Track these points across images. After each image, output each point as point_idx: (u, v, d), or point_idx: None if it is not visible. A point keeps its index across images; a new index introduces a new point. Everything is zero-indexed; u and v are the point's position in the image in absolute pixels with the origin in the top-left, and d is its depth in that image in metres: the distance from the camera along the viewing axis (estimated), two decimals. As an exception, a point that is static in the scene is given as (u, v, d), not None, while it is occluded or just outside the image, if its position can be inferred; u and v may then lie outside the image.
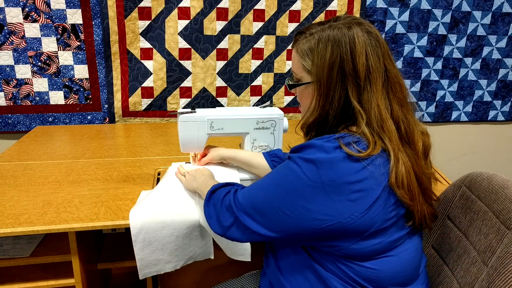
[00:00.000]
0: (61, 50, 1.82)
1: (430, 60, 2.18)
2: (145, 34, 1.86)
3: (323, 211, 0.72)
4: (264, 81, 2.05)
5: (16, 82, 1.83)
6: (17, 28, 1.76)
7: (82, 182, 1.24)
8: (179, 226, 1.02)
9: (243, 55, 1.98)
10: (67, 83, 1.87)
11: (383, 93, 0.77)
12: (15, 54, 1.79)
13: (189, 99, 2.00)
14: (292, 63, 0.88)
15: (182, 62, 1.92)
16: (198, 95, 2.00)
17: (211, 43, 1.93)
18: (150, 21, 1.85)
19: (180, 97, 1.99)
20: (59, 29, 1.79)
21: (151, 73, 1.92)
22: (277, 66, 2.04)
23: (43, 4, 1.75)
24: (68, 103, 1.90)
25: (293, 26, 1.99)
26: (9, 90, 1.83)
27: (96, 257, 1.31)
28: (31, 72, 1.83)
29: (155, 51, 1.89)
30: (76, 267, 1.08)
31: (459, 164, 2.47)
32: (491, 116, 2.37)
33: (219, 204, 0.86)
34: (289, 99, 2.11)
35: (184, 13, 1.86)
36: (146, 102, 1.95)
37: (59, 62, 1.84)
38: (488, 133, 2.43)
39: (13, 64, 1.80)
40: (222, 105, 2.04)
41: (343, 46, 0.77)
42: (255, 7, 1.92)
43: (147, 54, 1.89)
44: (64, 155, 1.48)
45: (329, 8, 1.99)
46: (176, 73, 1.94)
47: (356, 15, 2.02)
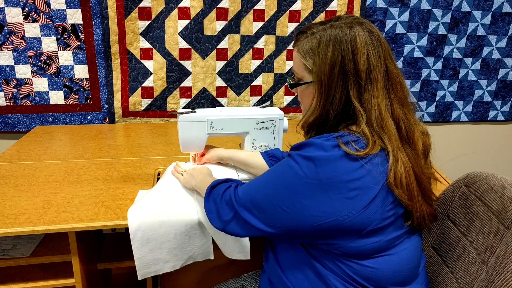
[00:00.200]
0: (61, 50, 1.82)
1: (430, 60, 2.18)
2: (145, 34, 1.86)
3: (320, 208, 0.72)
4: (264, 81, 2.05)
5: (16, 82, 1.83)
6: (17, 28, 1.76)
7: (82, 182, 1.24)
8: (177, 224, 1.02)
9: (243, 55, 1.99)
10: (67, 83, 1.87)
11: (384, 93, 0.77)
12: (15, 54, 1.79)
13: (189, 99, 2.00)
14: (293, 63, 0.88)
15: (182, 62, 1.93)
16: (198, 95, 2.00)
17: (211, 43, 1.93)
18: (150, 21, 1.85)
19: (180, 97, 1.99)
20: (59, 29, 1.79)
21: (151, 73, 1.92)
22: (277, 66, 2.04)
23: (43, 4, 1.75)
24: (68, 103, 1.90)
25: (293, 26, 1.99)
26: (9, 90, 1.83)
27: (96, 257, 1.31)
28: (31, 72, 1.83)
29: (155, 51, 1.89)
30: (76, 267, 1.08)
31: (459, 164, 2.47)
32: (491, 116, 2.37)
33: (219, 198, 0.86)
34: (289, 99, 2.11)
35: (184, 13, 1.86)
36: (146, 102, 1.95)
37: (59, 62, 1.84)
38: (488, 133, 2.43)
39: (13, 64, 1.80)
40: (222, 105, 2.04)
41: (344, 45, 0.77)
42: (255, 7, 1.92)
43: (147, 54, 1.89)
44: (64, 155, 1.48)
45: (329, 8, 1.99)
46: (176, 73, 1.94)
47: (356, 15, 2.02)
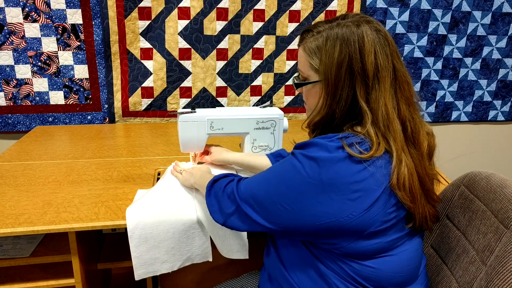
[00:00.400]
0: (61, 50, 1.83)
1: (430, 60, 2.18)
2: (145, 34, 1.86)
3: (321, 209, 0.72)
4: (264, 81, 2.05)
5: (16, 82, 1.83)
6: (17, 28, 1.76)
7: (82, 182, 1.24)
8: (176, 223, 1.02)
9: (243, 55, 1.99)
10: (67, 83, 1.88)
11: (391, 92, 0.76)
12: (15, 54, 1.79)
13: (189, 99, 2.00)
14: (298, 61, 0.86)
15: (182, 62, 1.93)
16: (198, 95, 2.00)
17: (211, 43, 1.93)
18: (150, 21, 1.85)
19: (180, 97, 1.99)
20: (59, 29, 1.79)
21: (151, 73, 1.92)
22: (277, 66, 2.04)
23: (43, 4, 1.75)
24: (68, 103, 1.90)
25: (293, 26, 1.99)
26: (9, 90, 1.83)
27: (96, 257, 1.31)
28: (31, 72, 1.83)
29: (155, 51, 1.89)
30: (76, 267, 1.08)
31: (459, 164, 2.47)
32: (491, 116, 2.37)
33: (221, 192, 0.86)
34: (289, 99, 2.11)
35: (184, 13, 1.86)
36: (146, 102, 1.95)
37: (59, 62, 1.84)
38: (488, 133, 2.43)
39: (13, 64, 1.80)
40: (222, 105, 2.05)
41: (352, 44, 0.75)
42: (255, 7, 1.92)
43: (147, 54, 1.89)
44: (64, 155, 1.48)
45: (329, 8, 1.99)
46: (176, 73, 1.94)
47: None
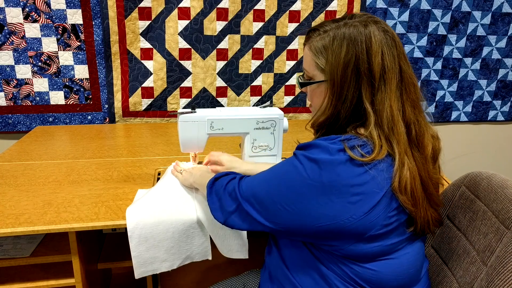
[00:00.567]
0: (61, 50, 1.82)
1: (430, 60, 2.18)
2: (145, 34, 1.86)
3: (322, 211, 0.71)
4: (264, 81, 2.05)
5: (16, 82, 1.83)
6: (17, 28, 1.76)
7: (82, 182, 1.24)
8: (175, 222, 1.02)
9: (243, 55, 1.99)
10: (67, 83, 1.88)
11: (397, 94, 0.75)
12: (15, 54, 1.79)
13: (189, 99, 2.00)
14: (304, 60, 0.85)
15: (182, 62, 1.93)
16: (198, 95, 2.00)
17: (211, 43, 1.93)
18: (150, 21, 1.85)
19: (180, 97, 1.99)
20: (59, 29, 1.79)
21: (151, 73, 1.92)
22: (277, 66, 2.04)
23: (43, 4, 1.75)
24: (68, 103, 1.90)
25: (293, 26, 1.99)
26: (9, 90, 1.83)
27: (96, 257, 1.31)
28: (31, 72, 1.83)
29: (155, 51, 1.89)
30: (76, 267, 1.08)
31: (459, 164, 2.47)
32: (491, 116, 2.37)
33: (222, 190, 0.86)
34: (289, 99, 2.11)
35: (184, 13, 1.86)
36: (146, 102, 1.95)
37: (59, 62, 1.84)
38: (488, 133, 2.43)
39: (13, 64, 1.80)
40: (222, 105, 2.05)
41: (359, 44, 0.74)
42: (255, 7, 1.92)
43: (147, 54, 1.89)
44: (64, 155, 1.48)
45: (329, 8, 1.99)
46: (176, 73, 1.94)
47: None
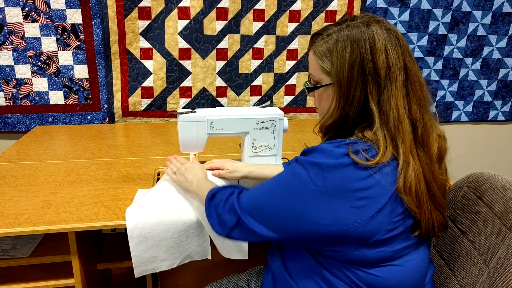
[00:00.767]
0: (61, 50, 1.82)
1: (430, 60, 2.17)
2: (145, 34, 1.86)
3: (326, 216, 0.71)
4: (264, 81, 2.04)
5: (15, 82, 1.82)
6: (17, 28, 1.75)
7: (82, 182, 1.24)
8: (175, 222, 1.01)
9: (243, 55, 1.98)
10: (66, 83, 1.87)
11: (403, 92, 0.75)
12: (14, 54, 1.78)
13: (189, 99, 1.99)
14: (309, 66, 0.85)
15: (182, 62, 1.92)
16: (198, 95, 2.00)
17: (211, 43, 1.92)
18: (150, 21, 1.84)
19: (180, 97, 1.98)
20: (59, 29, 1.79)
21: (151, 73, 1.91)
22: (277, 66, 2.03)
23: (43, 4, 1.75)
24: (68, 103, 1.90)
25: (293, 26, 1.98)
26: (8, 90, 1.83)
27: (96, 257, 1.30)
28: (31, 72, 1.82)
29: (155, 51, 1.89)
30: (76, 267, 1.08)
31: (459, 164, 2.46)
32: (492, 116, 2.37)
33: (221, 205, 0.85)
34: (289, 99, 2.11)
35: (184, 13, 1.85)
36: (146, 102, 1.95)
37: (58, 62, 1.83)
38: (488, 133, 2.43)
39: (13, 64, 1.80)
40: (222, 105, 2.04)
41: (362, 44, 0.74)
42: (255, 7, 1.92)
43: (147, 54, 1.88)
44: (64, 155, 1.48)
45: (329, 8, 1.99)
46: (176, 73, 1.93)
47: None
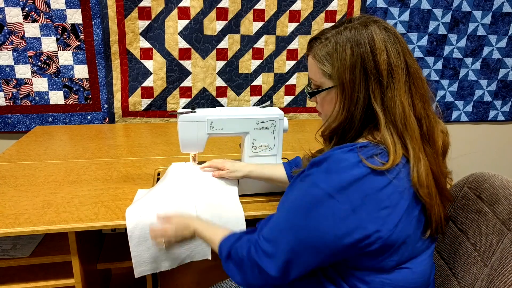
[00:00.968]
0: (61, 50, 1.82)
1: (430, 60, 2.17)
2: (145, 34, 1.86)
3: (354, 230, 0.69)
4: (264, 81, 2.04)
5: (16, 82, 1.82)
6: (17, 28, 1.76)
7: (82, 182, 1.24)
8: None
9: (243, 55, 1.98)
10: (67, 83, 1.87)
11: (406, 90, 0.75)
12: (15, 54, 1.78)
13: (189, 99, 2.00)
14: (309, 71, 0.85)
15: (182, 62, 1.92)
16: (198, 95, 2.00)
17: (211, 43, 1.92)
18: (150, 21, 1.84)
19: (180, 97, 1.98)
20: (59, 29, 1.79)
21: (151, 73, 1.91)
22: (277, 66, 2.03)
23: (43, 4, 1.75)
24: (68, 103, 1.90)
25: (293, 26, 1.98)
26: (9, 90, 1.83)
27: (96, 257, 1.31)
28: (31, 72, 1.82)
29: (155, 51, 1.89)
30: (76, 267, 1.08)
31: (459, 164, 2.45)
32: (491, 116, 2.37)
33: (245, 259, 0.78)
34: (289, 99, 2.11)
35: (184, 13, 1.85)
36: (146, 102, 1.95)
37: (59, 62, 1.84)
38: (488, 133, 2.43)
39: (13, 64, 1.80)
40: (222, 105, 2.04)
41: (362, 45, 0.74)
42: (255, 7, 1.92)
43: (147, 54, 1.89)
44: (64, 155, 1.48)
45: (329, 8, 1.99)
46: (176, 73, 1.93)
47: (356, 15, 2.02)
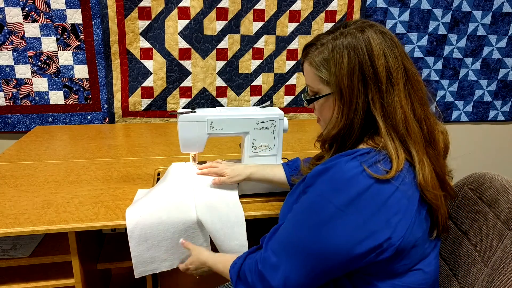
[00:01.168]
0: (61, 50, 1.82)
1: (430, 60, 2.17)
2: (145, 34, 1.86)
3: (365, 240, 0.68)
4: (264, 81, 2.04)
5: (16, 82, 1.82)
6: (17, 28, 1.76)
7: (82, 182, 1.24)
8: (175, 223, 1.01)
9: (243, 55, 1.98)
10: (67, 83, 1.87)
11: (405, 94, 0.74)
12: (15, 54, 1.78)
13: (189, 99, 2.00)
14: (306, 77, 0.84)
15: (182, 62, 1.92)
16: (198, 95, 2.00)
17: (211, 43, 1.92)
18: (150, 21, 1.84)
19: (180, 97, 1.98)
20: (59, 29, 1.79)
21: (151, 73, 1.91)
22: (277, 66, 2.03)
23: (43, 4, 1.75)
24: (68, 103, 1.90)
25: (293, 26, 1.98)
26: (9, 90, 1.83)
27: (96, 257, 1.30)
28: (31, 72, 1.82)
29: (155, 51, 1.89)
30: (76, 267, 1.08)
31: (459, 164, 2.46)
32: (491, 116, 2.37)
33: (255, 279, 0.78)
34: (289, 99, 2.11)
35: (184, 13, 1.85)
36: (146, 102, 1.95)
37: (59, 62, 1.84)
38: (488, 133, 2.43)
39: (13, 64, 1.80)
40: (222, 105, 2.04)
41: (360, 51, 0.73)
42: (255, 7, 1.92)
43: (147, 54, 1.89)
44: (64, 155, 1.48)
45: (329, 8, 1.99)
46: (176, 73, 1.93)
47: (356, 15, 2.02)
